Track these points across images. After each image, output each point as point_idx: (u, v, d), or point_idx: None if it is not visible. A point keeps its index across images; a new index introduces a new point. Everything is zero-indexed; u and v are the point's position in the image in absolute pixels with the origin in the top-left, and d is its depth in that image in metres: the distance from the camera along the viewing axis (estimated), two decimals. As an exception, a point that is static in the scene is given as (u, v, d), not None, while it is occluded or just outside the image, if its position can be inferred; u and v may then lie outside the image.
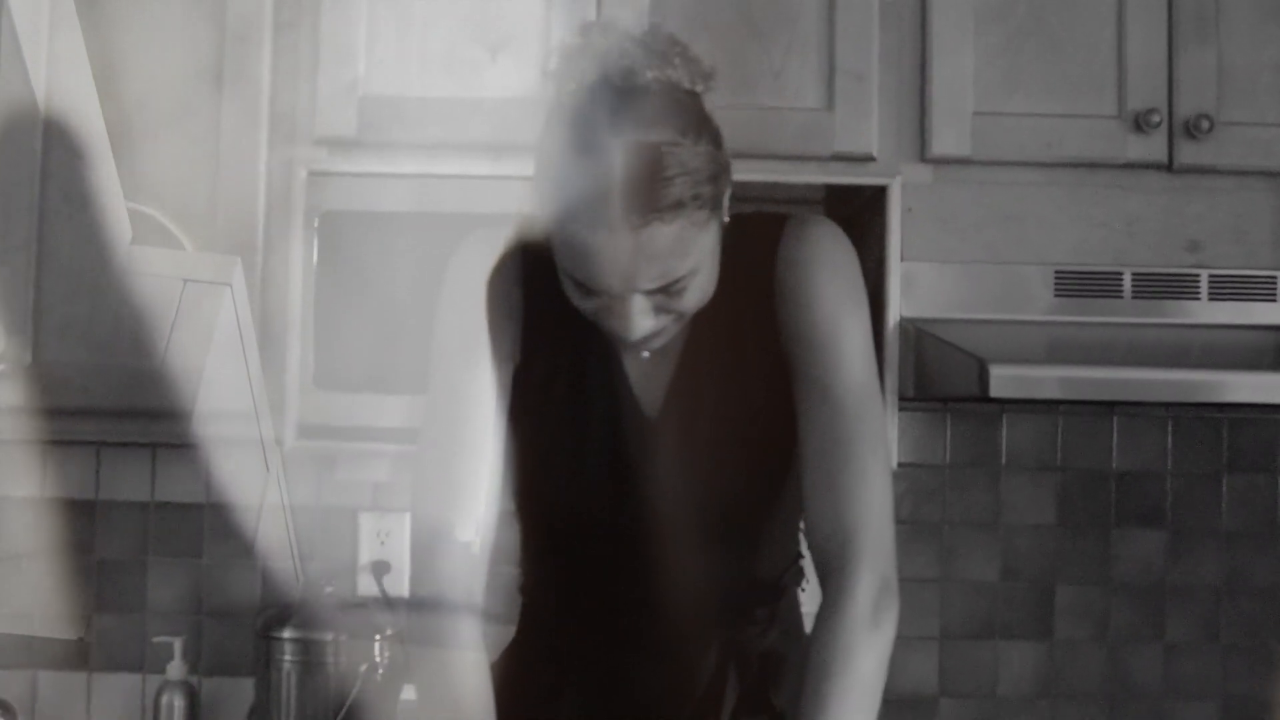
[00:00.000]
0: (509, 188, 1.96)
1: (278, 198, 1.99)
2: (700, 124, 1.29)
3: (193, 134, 1.99)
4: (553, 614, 1.53)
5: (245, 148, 2.00)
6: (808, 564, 1.51)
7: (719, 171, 1.30)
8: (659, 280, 1.27)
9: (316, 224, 1.97)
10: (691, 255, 1.28)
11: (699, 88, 1.32)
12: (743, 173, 1.47)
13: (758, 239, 1.41)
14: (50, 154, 1.88)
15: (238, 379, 1.93)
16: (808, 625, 1.46)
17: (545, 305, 1.42)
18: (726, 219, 1.35)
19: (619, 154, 1.23)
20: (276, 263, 1.98)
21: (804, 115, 2.00)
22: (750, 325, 1.41)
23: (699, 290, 1.32)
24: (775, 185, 2.01)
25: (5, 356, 1.85)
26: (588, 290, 1.30)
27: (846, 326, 1.39)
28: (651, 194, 1.23)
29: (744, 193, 1.59)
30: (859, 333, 1.40)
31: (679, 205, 1.24)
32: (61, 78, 1.51)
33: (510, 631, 1.57)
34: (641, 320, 1.29)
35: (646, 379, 1.43)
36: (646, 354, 1.40)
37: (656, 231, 1.23)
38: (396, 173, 1.97)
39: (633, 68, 1.27)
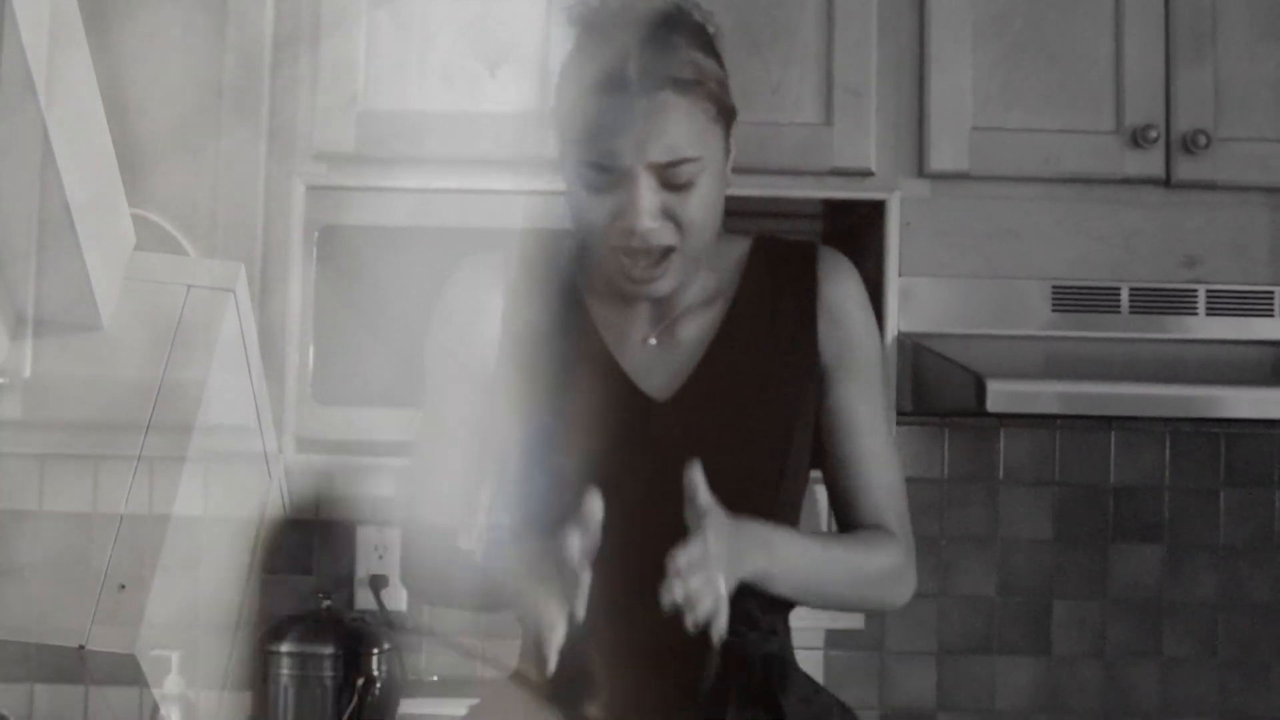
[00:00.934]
0: (508, 202, 1.97)
1: (277, 212, 2.00)
2: (709, 45, 1.44)
3: (193, 148, 1.99)
4: None
5: (245, 162, 2.00)
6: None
7: (725, 91, 1.43)
8: (667, 154, 1.36)
9: (316, 238, 1.98)
10: (698, 145, 1.38)
11: (710, 29, 1.46)
12: (741, 187, 1.51)
13: (795, 259, 1.54)
14: (51, 162, 1.88)
15: (240, 388, 1.93)
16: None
17: (533, 317, 1.50)
18: (730, 180, 1.46)
19: (637, 36, 1.38)
20: (276, 277, 1.99)
21: (802, 130, 2.01)
22: (791, 330, 1.51)
23: (702, 203, 1.40)
24: (774, 200, 2.02)
25: (4, 370, 1.85)
26: (601, 170, 1.37)
27: (877, 356, 1.57)
28: (665, 64, 1.37)
29: (743, 207, 1.61)
30: (881, 362, 1.60)
31: (689, 83, 1.37)
32: (65, 85, 1.51)
33: (509, 646, 1.57)
34: (650, 205, 1.37)
35: (650, 369, 1.47)
36: (653, 340, 1.45)
37: (668, 99, 1.36)
38: (395, 187, 1.98)
39: None
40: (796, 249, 1.56)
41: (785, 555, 1.43)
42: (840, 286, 1.52)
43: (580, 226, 1.44)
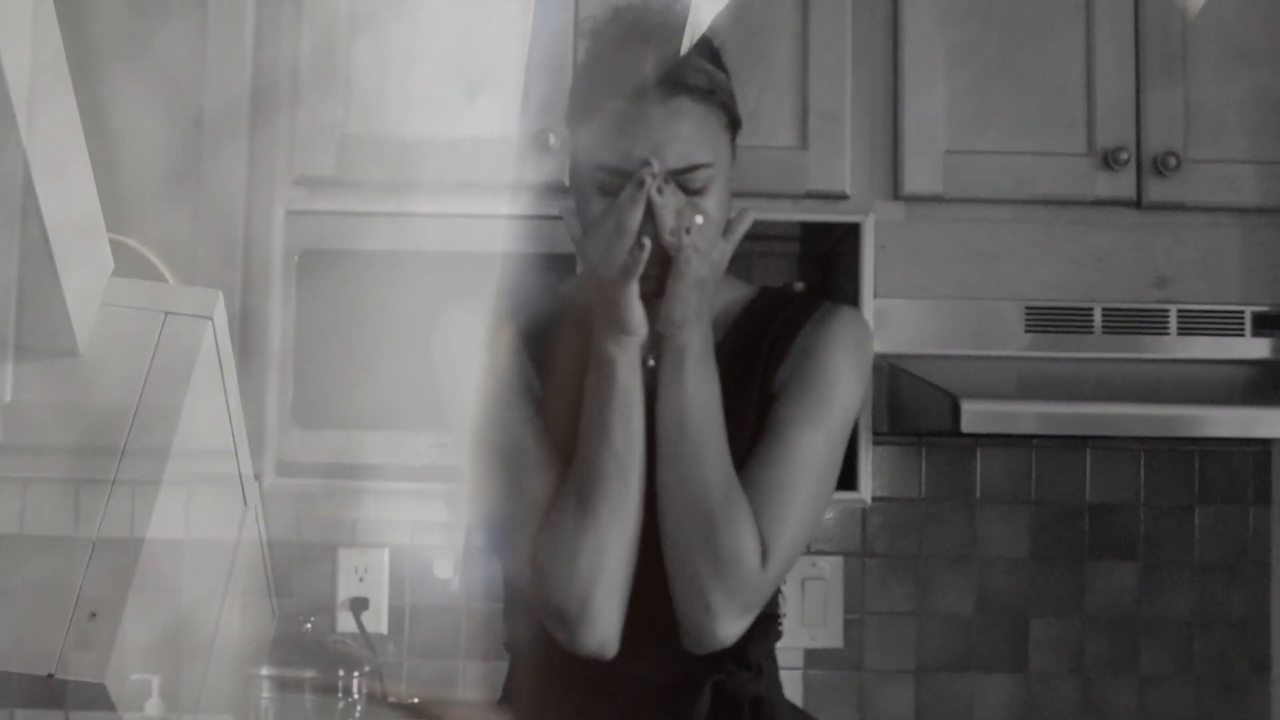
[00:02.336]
0: (487, 227, 1.98)
1: (258, 236, 2.01)
2: (718, 58, 1.47)
3: (174, 174, 2.00)
4: (540, 665, 1.51)
5: (225, 186, 2.01)
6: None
7: (734, 101, 1.45)
8: (684, 159, 1.37)
9: (296, 262, 1.99)
10: (711, 151, 1.40)
11: (717, 43, 1.49)
12: (717, 211, 1.51)
13: (794, 308, 1.51)
14: (31, 190, 1.89)
15: (218, 414, 1.93)
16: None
17: (549, 352, 1.48)
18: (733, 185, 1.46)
19: (652, 46, 1.41)
20: (256, 300, 2.00)
21: (778, 154, 2.03)
22: (760, 370, 1.48)
23: (718, 199, 1.40)
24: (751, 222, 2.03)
25: (-16, 395, 1.85)
26: (616, 174, 1.37)
27: (831, 393, 1.46)
28: (680, 73, 1.39)
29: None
30: (838, 402, 1.46)
31: (703, 91, 1.40)
32: (46, 114, 1.51)
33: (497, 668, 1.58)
34: (670, 205, 1.34)
35: (649, 391, 1.44)
36: (652, 362, 1.42)
37: (684, 105, 1.38)
38: (375, 211, 1.99)
39: (665, 6, 1.46)
40: (800, 300, 1.54)
41: (702, 364, 1.39)
42: (820, 330, 1.48)
43: (590, 233, 1.40)
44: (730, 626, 1.38)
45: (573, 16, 1.98)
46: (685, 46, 1.44)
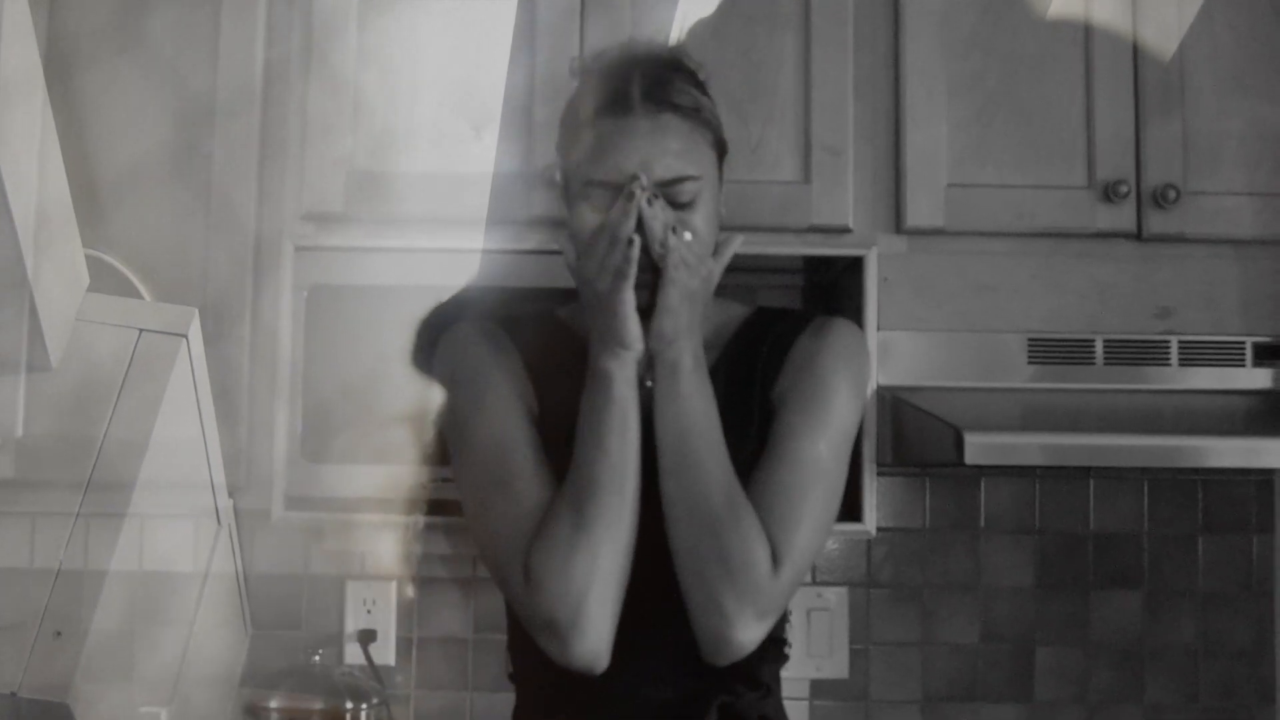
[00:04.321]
0: (494, 261, 1.99)
1: (266, 270, 2.02)
2: (703, 86, 1.51)
3: (183, 207, 2.02)
4: (547, 694, 1.52)
5: (234, 221, 2.02)
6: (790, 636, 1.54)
7: (720, 126, 1.50)
8: (671, 171, 1.41)
9: (305, 296, 2.00)
10: (699, 164, 1.44)
11: (702, 76, 1.53)
12: (722, 245, 1.52)
13: (789, 324, 1.55)
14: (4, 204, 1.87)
15: (191, 432, 1.91)
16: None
17: (547, 373, 1.51)
18: (723, 212, 1.50)
19: (639, 69, 1.46)
20: (265, 334, 2.01)
21: (781, 188, 2.04)
22: (759, 384, 1.51)
23: (706, 215, 1.44)
24: (754, 256, 2.04)
25: (-3, 429, 1.86)
26: (606, 188, 1.40)
27: (830, 399, 1.48)
28: (667, 88, 1.45)
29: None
30: (838, 409, 1.49)
31: (689, 109, 1.45)
32: (17, 129, 1.51)
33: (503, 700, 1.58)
34: (659, 217, 1.37)
35: (646, 412, 1.45)
36: (650, 383, 1.43)
37: (670, 120, 1.43)
38: (383, 247, 2.00)
39: (651, 43, 1.54)
40: (795, 315, 1.59)
41: (697, 382, 1.42)
42: (815, 340, 1.52)
43: (584, 252, 1.42)
44: (747, 632, 1.39)
45: (579, 52, 2.01)
46: (673, 71, 1.48)
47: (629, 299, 1.38)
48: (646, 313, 1.39)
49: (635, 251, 1.36)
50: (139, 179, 2.03)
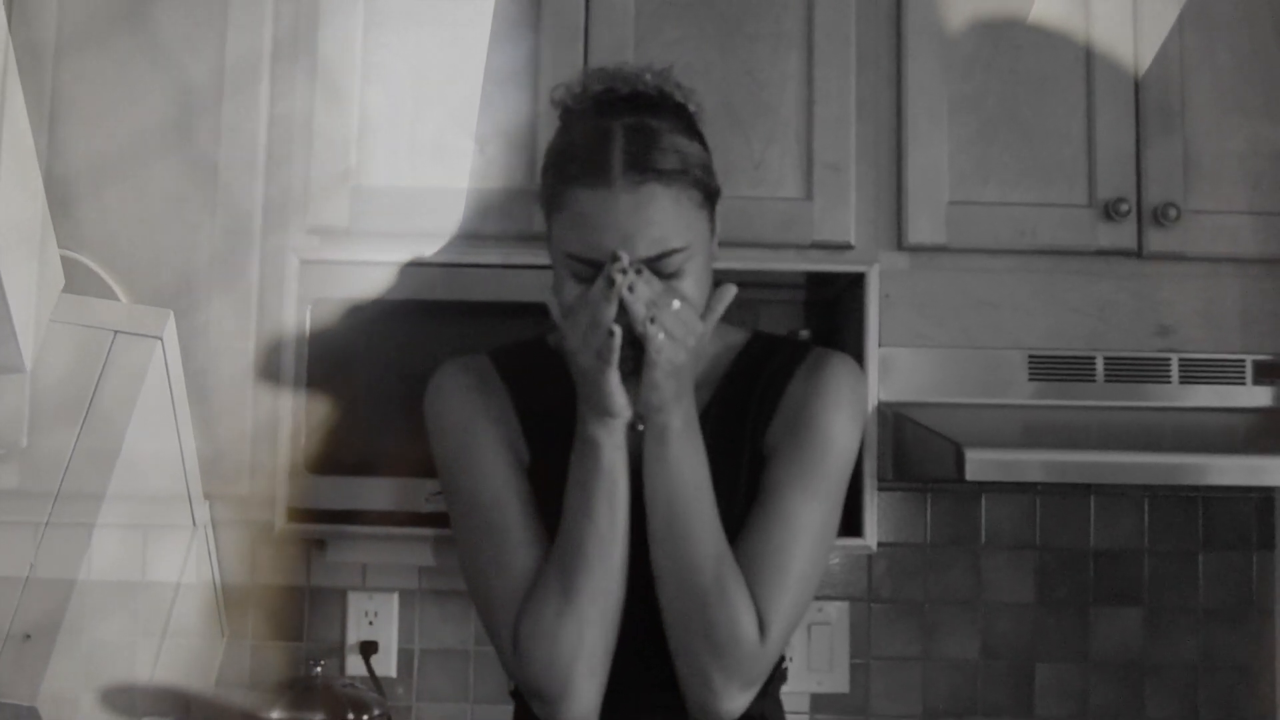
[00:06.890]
0: (499, 277, 2.00)
1: (271, 285, 2.03)
2: (691, 127, 1.45)
3: (189, 224, 2.03)
4: None
5: (239, 235, 2.03)
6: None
7: (709, 173, 1.44)
8: (655, 246, 1.35)
9: (310, 311, 2.01)
10: (684, 234, 1.38)
11: (691, 108, 1.48)
12: (724, 261, 1.54)
13: (784, 357, 1.52)
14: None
15: (166, 434, 1.90)
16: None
17: (538, 408, 1.49)
18: (716, 255, 1.46)
19: (621, 124, 1.39)
20: (270, 348, 2.01)
21: (784, 205, 2.05)
22: (747, 434, 1.49)
23: (696, 279, 1.39)
24: (756, 272, 2.06)
25: (1, 440, 1.86)
26: (587, 264, 1.36)
27: (824, 449, 1.46)
28: (649, 157, 1.37)
29: (726, 280, 1.64)
30: (832, 460, 1.47)
31: (674, 173, 1.37)
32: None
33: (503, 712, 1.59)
34: (641, 298, 1.33)
35: (637, 454, 1.44)
36: (641, 427, 1.42)
37: (654, 191, 1.36)
38: (387, 261, 2.01)
39: (636, 75, 1.44)
40: (790, 349, 1.55)
41: (688, 442, 1.40)
42: (810, 381, 1.49)
43: (567, 319, 1.40)
44: (733, 702, 1.40)
45: (582, 68, 2.02)
46: (657, 120, 1.41)
47: (613, 377, 1.34)
48: (637, 369, 1.36)
49: (617, 341, 1.32)
50: (141, 183, 2.03)
